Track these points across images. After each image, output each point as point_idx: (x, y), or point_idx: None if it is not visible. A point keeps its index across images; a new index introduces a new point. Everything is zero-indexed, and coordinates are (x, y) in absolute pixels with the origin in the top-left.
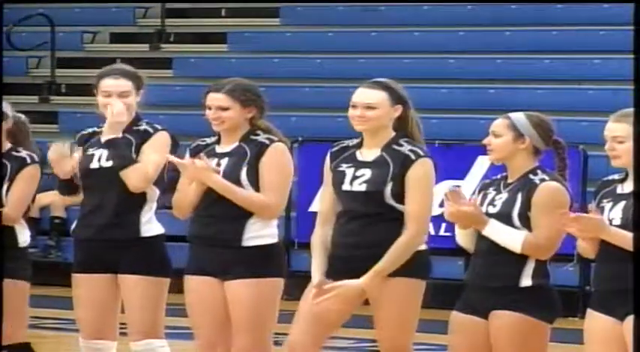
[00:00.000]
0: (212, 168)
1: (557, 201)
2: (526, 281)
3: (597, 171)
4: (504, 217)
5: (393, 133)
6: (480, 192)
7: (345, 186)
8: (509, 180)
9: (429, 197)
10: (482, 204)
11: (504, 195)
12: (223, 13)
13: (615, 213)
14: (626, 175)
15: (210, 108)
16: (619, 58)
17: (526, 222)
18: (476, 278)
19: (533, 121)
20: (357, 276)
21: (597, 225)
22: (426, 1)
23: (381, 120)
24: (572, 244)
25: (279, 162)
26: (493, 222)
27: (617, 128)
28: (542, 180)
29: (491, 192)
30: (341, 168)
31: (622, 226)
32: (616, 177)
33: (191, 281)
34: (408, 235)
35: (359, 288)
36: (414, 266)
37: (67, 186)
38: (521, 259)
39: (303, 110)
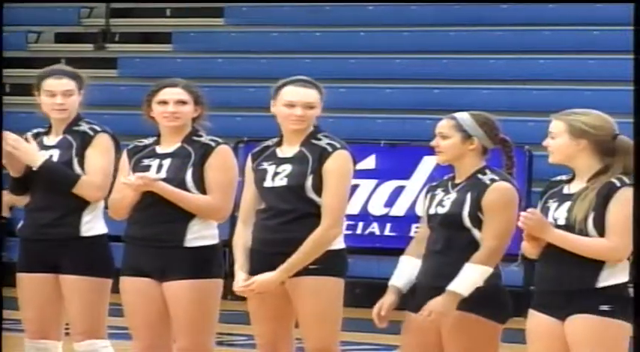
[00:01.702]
0: (156, 179)
1: (508, 200)
2: None
3: (542, 171)
4: (454, 217)
5: (312, 128)
6: (426, 194)
7: (267, 183)
8: (457, 181)
9: (344, 189)
10: (430, 205)
11: (453, 196)
12: (168, 12)
13: (560, 213)
14: (574, 176)
15: (165, 104)
16: (566, 58)
17: (476, 223)
18: (426, 279)
19: (480, 121)
20: None
21: (542, 223)
22: (372, 0)
23: (314, 118)
24: (517, 244)
25: (225, 164)
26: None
27: (552, 125)
28: (493, 180)
29: (439, 193)
30: (262, 167)
31: (565, 226)
32: (564, 177)
33: (128, 282)
34: (320, 228)
35: (272, 281)
36: (329, 265)
37: (19, 185)
38: (470, 259)
39: (249, 110)
